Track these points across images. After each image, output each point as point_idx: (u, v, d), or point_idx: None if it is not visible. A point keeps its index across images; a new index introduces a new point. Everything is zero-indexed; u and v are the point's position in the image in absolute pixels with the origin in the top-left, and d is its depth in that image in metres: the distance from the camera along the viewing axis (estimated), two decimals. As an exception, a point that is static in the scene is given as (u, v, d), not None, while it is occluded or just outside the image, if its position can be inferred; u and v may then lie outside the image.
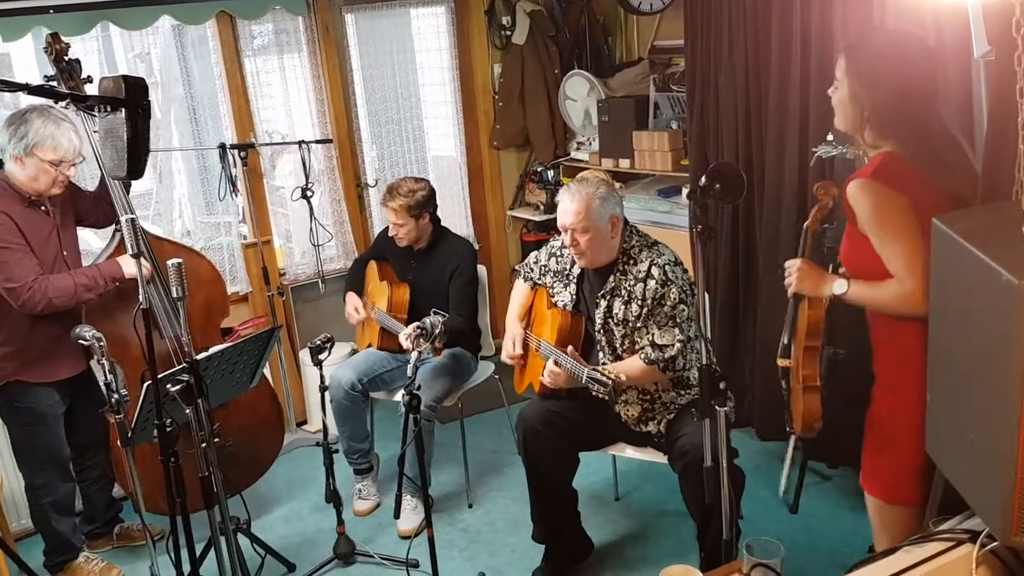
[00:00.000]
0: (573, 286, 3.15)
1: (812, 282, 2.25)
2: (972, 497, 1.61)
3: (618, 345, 3.03)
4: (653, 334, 2.94)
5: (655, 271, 2.95)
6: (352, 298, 4.02)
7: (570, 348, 2.98)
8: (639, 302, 2.96)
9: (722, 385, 2.19)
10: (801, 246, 2.35)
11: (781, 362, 2.41)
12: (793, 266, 2.30)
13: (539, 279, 3.34)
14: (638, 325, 2.97)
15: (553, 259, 3.26)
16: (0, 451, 3.63)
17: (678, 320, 2.93)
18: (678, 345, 2.91)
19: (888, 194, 2.05)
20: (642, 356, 2.94)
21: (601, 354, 3.08)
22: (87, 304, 3.21)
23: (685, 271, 3.02)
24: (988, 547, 1.62)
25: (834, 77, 2.21)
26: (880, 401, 2.25)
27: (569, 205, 2.96)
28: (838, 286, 2.18)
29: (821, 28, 3.40)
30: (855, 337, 3.30)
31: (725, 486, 2.22)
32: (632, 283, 2.98)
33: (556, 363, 2.98)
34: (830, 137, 3.29)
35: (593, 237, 2.95)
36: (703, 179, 2.10)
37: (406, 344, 3.40)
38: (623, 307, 2.99)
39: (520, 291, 3.44)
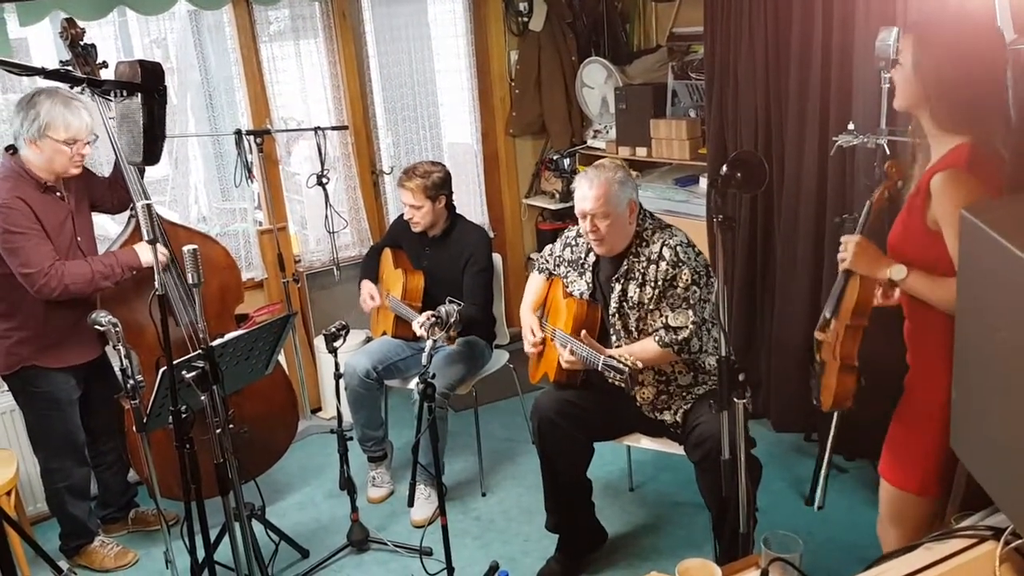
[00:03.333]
0: (589, 274, 3.14)
1: (868, 261, 2.14)
2: (997, 493, 1.58)
3: (633, 328, 3.02)
4: (667, 316, 2.93)
5: (666, 252, 2.94)
6: (367, 285, 4.02)
7: (583, 333, 2.96)
8: (652, 284, 2.95)
9: (740, 377, 2.16)
10: (861, 222, 2.23)
11: (818, 335, 2.32)
12: (850, 242, 2.18)
13: (555, 270, 3.32)
14: (651, 308, 2.97)
15: (568, 249, 3.25)
16: (16, 436, 3.64)
17: (691, 302, 2.92)
18: (691, 327, 2.90)
19: (980, 192, 1.91)
20: (656, 339, 2.93)
21: (615, 338, 3.07)
22: (103, 291, 3.21)
23: (698, 253, 3.00)
24: (1012, 544, 1.59)
25: (852, 64, 2.12)
26: (913, 391, 2.21)
27: (588, 191, 2.93)
28: (896, 271, 2.06)
29: (842, 15, 3.36)
30: (879, 328, 3.29)
31: (742, 480, 2.20)
32: (645, 264, 2.97)
33: (572, 352, 2.96)
34: (851, 126, 3.25)
35: (613, 223, 2.94)
36: (724, 167, 2.07)
37: (420, 332, 3.39)
38: (638, 290, 2.98)
39: (535, 283, 3.42)
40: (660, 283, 2.94)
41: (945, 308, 2.01)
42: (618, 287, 3.02)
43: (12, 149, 3.12)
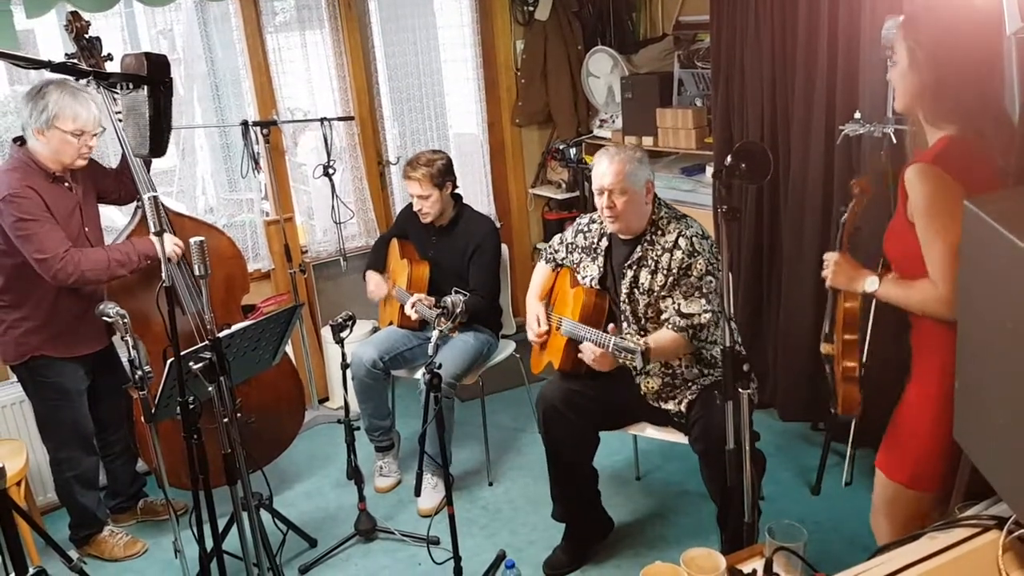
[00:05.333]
0: (600, 259, 3.15)
1: (846, 277, 2.22)
2: (1000, 483, 1.59)
3: (642, 315, 3.03)
4: (679, 304, 2.93)
5: (682, 242, 2.95)
6: (372, 277, 4.03)
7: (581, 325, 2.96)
8: (665, 272, 2.96)
9: (745, 367, 2.16)
10: (837, 239, 2.29)
11: (824, 348, 2.38)
12: (830, 259, 2.26)
13: (564, 258, 3.32)
14: (662, 295, 2.97)
15: (580, 235, 3.25)
16: (26, 426, 3.67)
17: (705, 291, 2.92)
18: (707, 315, 2.89)
19: (947, 185, 1.93)
20: (670, 325, 2.93)
21: (625, 324, 3.08)
22: (115, 280, 3.23)
23: (712, 244, 3.01)
24: (1015, 533, 1.59)
25: (859, 53, 2.11)
26: (909, 384, 2.22)
27: (608, 167, 2.96)
28: (869, 283, 2.15)
29: (849, 3, 3.34)
30: (883, 322, 3.28)
31: (747, 469, 2.21)
32: (659, 253, 2.97)
33: (596, 343, 2.91)
34: (857, 115, 3.24)
35: (630, 199, 2.95)
36: (729, 158, 2.07)
37: (410, 313, 3.42)
38: (649, 277, 2.98)
39: (541, 273, 3.43)
40: (675, 271, 2.94)
41: (920, 311, 2.07)
42: (630, 273, 3.03)
43: (20, 140, 3.14)
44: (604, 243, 3.15)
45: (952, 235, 1.87)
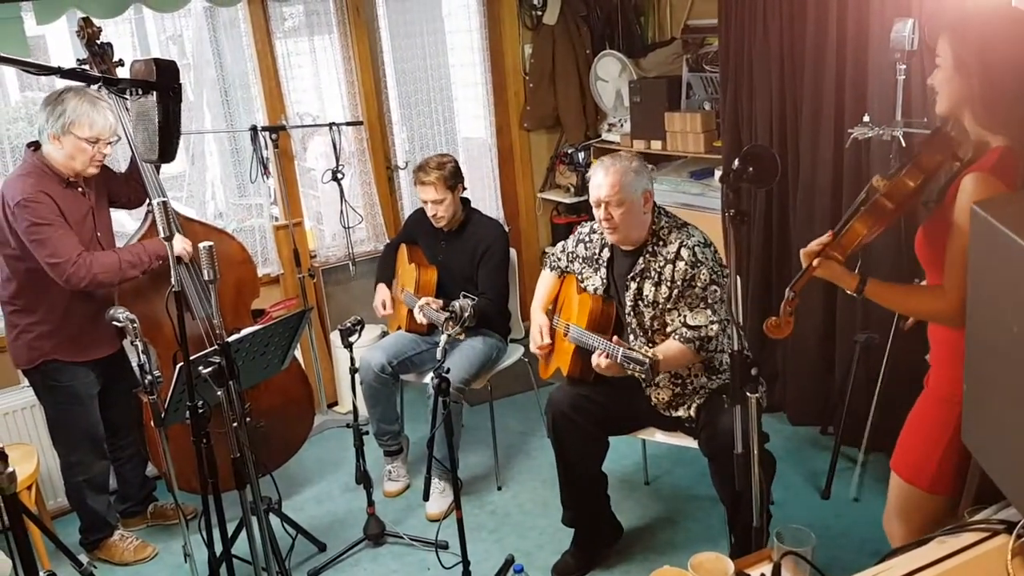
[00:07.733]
0: (603, 270, 3.13)
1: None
2: (1009, 487, 1.58)
3: (648, 327, 3.02)
4: (685, 315, 2.92)
5: (684, 252, 2.93)
6: (382, 290, 4.03)
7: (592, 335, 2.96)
8: (668, 284, 2.94)
9: (754, 371, 2.16)
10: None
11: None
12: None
13: (567, 266, 3.32)
14: (668, 307, 2.96)
15: (581, 245, 3.24)
16: (37, 430, 3.68)
17: (710, 301, 2.91)
18: (714, 326, 2.89)
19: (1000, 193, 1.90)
20: (677, 336, 2.92)
21: (632, 337, 3.07)
22: (127, 283, 3.25)
23: (715, 252, 2.99)
24: (1024, 538, 1.59)
25: (867, 56, 2.08)
26: (928, 388, 2.21)
27: (603, 179, 2.94)
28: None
29: (857, 6, 3.35)
30: (888, 324, 3.27)
31: (756, 474, 2.20)
32: (662, 264, 2.96)
33: (602, 354, 2.89)
34: (866, 118, 3.23)
35: (627, 211, 2.93)
36: (736, 162, 2.06)
37: (419, 317, 3.43)
38: (653, 289, 2.97)
39: (546, 281, 3.42)
40: (679, 283, 2.92)
41: (920, 317, 2.09)
42: (633, 285, 3.01)
43: (35, 145, 3.16)
44: (606, 254, 3.13)
45: None
